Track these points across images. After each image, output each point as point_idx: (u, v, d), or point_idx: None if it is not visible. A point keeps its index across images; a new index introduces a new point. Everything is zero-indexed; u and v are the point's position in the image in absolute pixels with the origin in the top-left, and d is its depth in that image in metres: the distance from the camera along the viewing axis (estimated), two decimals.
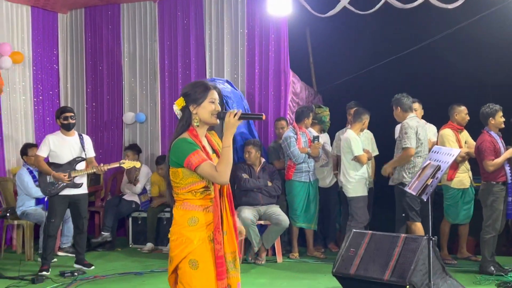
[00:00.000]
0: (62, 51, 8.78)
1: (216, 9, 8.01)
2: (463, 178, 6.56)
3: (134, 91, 8.55)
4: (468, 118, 6.60)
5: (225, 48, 7.93)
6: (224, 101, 6.78)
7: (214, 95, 3.00)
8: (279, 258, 6.75)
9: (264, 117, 3.00)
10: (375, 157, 7.16)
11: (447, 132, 6.52)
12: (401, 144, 5.97)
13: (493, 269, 5.83)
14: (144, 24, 8.46)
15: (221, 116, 2.96)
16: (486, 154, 5.87)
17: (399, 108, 6.20)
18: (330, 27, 8.38)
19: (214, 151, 3.05)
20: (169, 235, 2.98)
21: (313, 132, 7.13)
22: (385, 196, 7.10)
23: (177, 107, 3.00)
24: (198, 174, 2.87)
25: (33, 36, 8.21)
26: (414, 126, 6.02)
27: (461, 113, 6.59)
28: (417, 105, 6.66)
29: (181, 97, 2.99)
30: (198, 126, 2.97)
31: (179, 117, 3.02)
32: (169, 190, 3.02)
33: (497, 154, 5.90)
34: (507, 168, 5.93)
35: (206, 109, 2.96)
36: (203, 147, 2.94)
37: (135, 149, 7.84)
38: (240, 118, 2.90)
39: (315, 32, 9.18)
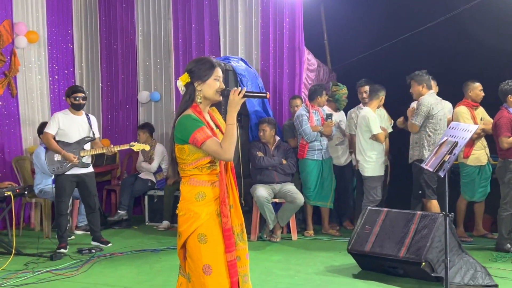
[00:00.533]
0: (77, 30, 8.80)
1: None
2: (480, 155, 6.52)
3: (149, 70, 8.56)
4: (483, 94, 6.52)
5: (239, 26, 7.88)
6: (239, 79, 6.76)
7: (219, 72, 3.01)
8: (294, 236, 6.77)
9: (268, 96, 3.01)
10: (389, 133, 7.12)
11: (461, 109, 6.47)
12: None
13: (509, 246, 5.82)
14: (158, 2, 8.43)
15: (225, 93, 2.97)
16: (502, 130, 5.82)
17: (417, 84, 6.14)
18: (344, 3, 8.30)
19: (217, 126, 3.07)
20: (177, 211, 3.02)
21: (327, 110, 7.10)
22: (400, 174, 7.09)
23: (181, 82, 3.01)
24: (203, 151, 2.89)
25: (48, 15, 8.21)
26: (430, 104, 5.99)
27: (475, 89, 6.52)
28: (432, 83, 6.59)
29: (186, 73, 3.00)
30: (201, 103, 2.98)
31: (182, 93, 3.04)
32: (174, 166, 3.05)
33: None
34: None
35: (211, 87, 2.97)
36: (207, 123, 2.95)
37: (146, 128, 7.87)
38: (244, 96, 2.92)
39: (330, 9, 9.09)
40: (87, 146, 6.25)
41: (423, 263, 4.67)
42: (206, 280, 2.87)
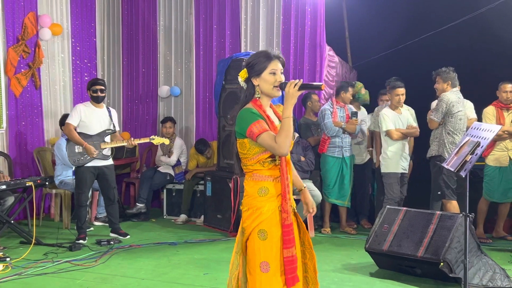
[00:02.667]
0: (100, 24, 8.87)
1: None
2: (500, 156, 6.45)
3: (169, 64, 8.60)
4: (510, 96, 6.42)
5: (261, 22, 7.87)
6: None
7: (276, 65, 2.91)
8: (311, 233, 6.69)
9: (323, 87, 2.91)
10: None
11: (487, 109, 6.48)
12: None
13: None
14: None
15: (282, 86, 2.89)
16: None
17: (442, 81, 6.10)
18: (366, 1, 8.24)
19: (280, 122, 2.99)
20: (241, 207, 2.98)
21: (353, 108, 7.07)
22: (422, 173, 7.03)
23: (241, 79, 2.97)
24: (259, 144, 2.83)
25: (72, 8, 8.30)
26: (450, 101, 5.97)
27: (501, 91, 6.47)
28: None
29: (244, 69, 2.95)
30: (259, 98, 2.93)
31: (244, 87, 2.99)
32: (238, 162, 3.01)
33: None
34: None
35: (267, 81, 2.89)
36: (268, 117, 2.89)
37: (173, 121, 7.94)
38: (300, 89, 2.82)
39: (352, 6, 9.03)
40: (108, 138, 6.31)
41: (442, 264, 4.63)
42: (262, 277, 2.83)
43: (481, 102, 6.66)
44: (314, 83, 2.99)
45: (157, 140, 6.37)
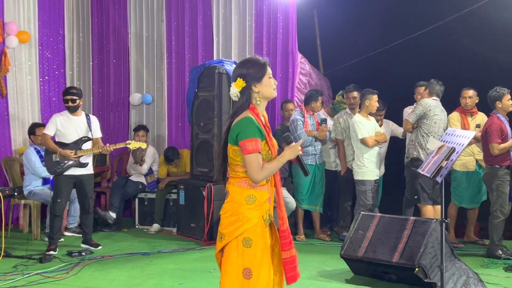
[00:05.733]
0: (69, 31, 8.73)
1: None
2: (467, 161, 6.56)
3: (141, 72, 8.51)
4: (470, 102, 6.53)
5: (233, 29, 7.87)
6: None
7: (269, 69, 3.02)
8: None
9: (308, 175, 3.25)
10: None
11: (452, 115, 6.57)
12: None
13: (501, 252, 5.85)
14: (151, 4, 8.40)
15: (287, 140, 3.06)
16: (493, 137, 5.85)
17: (428, 90, 6.30)
18: (337, 9, 8.31)
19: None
20: (221, 212, 2.97)
21: (321, 115, 7.10)
22: (393, 180, 7.10)
23: (237, 89, 2.94)
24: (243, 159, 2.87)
25: (40, 15, 8.15)
26: (428, 105, 6.12)
27: (462, 97, 6.59)
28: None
29: (239, 78, 2.94)
30: (259, 104, 2.97)
31: (235, 99, 2.98)
32: (222, 166, 3.03)
33: (505, 138, 5.88)
34: None
35: (268, 85, 2.98)
36: (264, 126, 2.94)
37: (145, 129, 7.85)
38: (296, 158, 3.03)
39: (323, 14, 9.09)
40: (86, 146, 6.22)
41: (417, 269, 4.67)
42: (245, 284, 2.86)
43: (447, 109, 6.76)
44: (305, 166, 3.17)
45: (133, 144, 6.31)
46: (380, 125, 6.96)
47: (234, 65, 7.11)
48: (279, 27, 7.66)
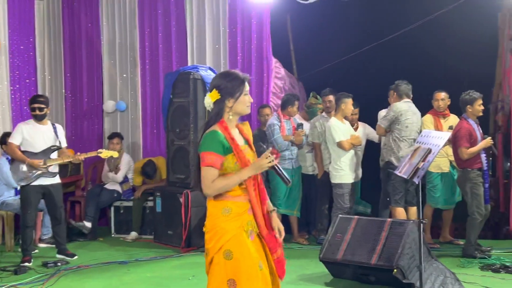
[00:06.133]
0: (40, 39, 8.58)
1: None
2: (441, 162, 6.64)
3: (114, 79, 8.43)
4: (442, 104, 6.63)
5: (207, 35, 7.86)
6: (207, 88, 6.71)
7: (247, 86, 3.02)
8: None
9: (289, 184, 3.12)
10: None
11: (425, 118, 6.63)
12: None
13: (476, 252, 5.92)
14: (124, 10, 8.33)
15: (260, 149, 3.06)
16: (462, 142, 5.91)
17: (395, 93, 6.34)
18: (310, 14, 8.35)
19: (246, 141, 3.08)
20: (204, 229, 2.99)
21: (298, 119, 7.13)
22: (373, 183, 7.15)
23: (210, 100, 2.97)
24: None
25: (10, 23, 7.97)
26: (400, 110, 6.16)
27: (434, 99, 6.69)
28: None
29: (214, 90, 2.96)
30: (231, 119, 2.99)
31: (209, 109, 3.00)
32: (197, 175, 3.02)
33: (474, 142, 5.94)
34: (483, 156, 5.98)
35: (243, 102, 2.99)
36: (232, 138, 2.93)
37: (120, 137, 7.77)
38: (270, 167, 2.97)
39: (296, 19, 9.14)
40: (54, 155, 6.12)
41: (395, 270, 4.71)
42: None
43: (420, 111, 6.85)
44: (283, 176, 3.06)
45: (105, 153, 6.23)
46: (356, 128, 7.02)
47: (209, 71, 7.12)
48: (253, 32, 7.67)
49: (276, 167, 2.99)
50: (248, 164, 2.94)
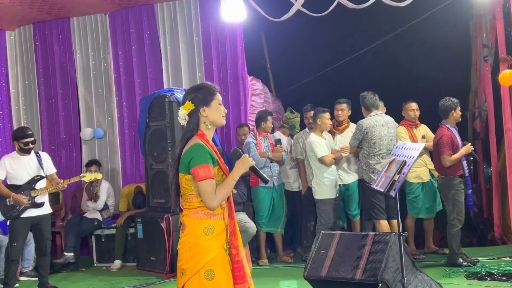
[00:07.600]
0: (12, 69, 8.51)
1: (169, 18, 7.92)
2: (420, 172, 6.64)
3: (90, 106, 8.35)
4: (415, 114, 6.67)
5: (181, 57, 7.84)
6: None
7: (220, 97, 3.01)
8: (249, 266, 6.65)
9: (268, 181, 3.18)
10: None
11: (399, 129, 6.63)
12: None
13: (461, 261, 5.89)
14: (96, 37, 8.28)
15: (236, 154, 3.02)
16: (444, 149, 5.91)
17: (362, 107, 6.30)
18: (285, 31, 8.39)
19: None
20: (178, 246, 2.90)
21: (276, 135, 7.09)
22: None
23: (184, 111, 2.94)
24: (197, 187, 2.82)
25: None
26: (364, 127, 6.15)
27: (407, 110, 6.72)
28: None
29: (188, 101, 2.93)
30: (208, 128, 2.95)
31: (183, 123, 2.97)
32: (177, 197, 2.97)
33: (456, 149, 5.94)
34: (464, 162, 5.99)
35: (217, 110, 2.97)
36: (216, 152, 2.91)
37: (98, 164, 7.67)
38: (250, 169, 2.97)
39: (271, 37, 9.17)
40: (40, 184, 6.02)
41: (380, 284, 4.64)
42: None
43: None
44: (262, 175, 3.09)
45: (88, 176, 6.16)
46: (345, 128, 6.96)
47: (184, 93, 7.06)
48: (227, 52, 7.67)
49: (255, 167, 3.01)
50: (228, 173, 2.94)
